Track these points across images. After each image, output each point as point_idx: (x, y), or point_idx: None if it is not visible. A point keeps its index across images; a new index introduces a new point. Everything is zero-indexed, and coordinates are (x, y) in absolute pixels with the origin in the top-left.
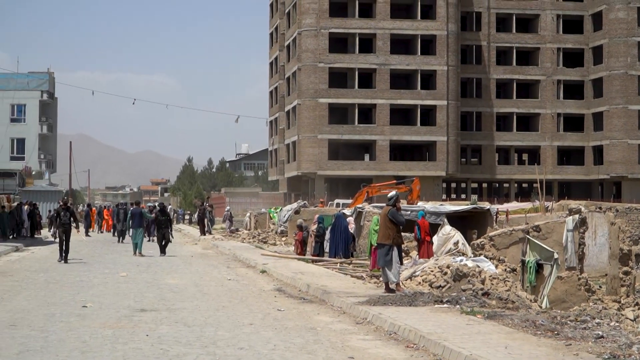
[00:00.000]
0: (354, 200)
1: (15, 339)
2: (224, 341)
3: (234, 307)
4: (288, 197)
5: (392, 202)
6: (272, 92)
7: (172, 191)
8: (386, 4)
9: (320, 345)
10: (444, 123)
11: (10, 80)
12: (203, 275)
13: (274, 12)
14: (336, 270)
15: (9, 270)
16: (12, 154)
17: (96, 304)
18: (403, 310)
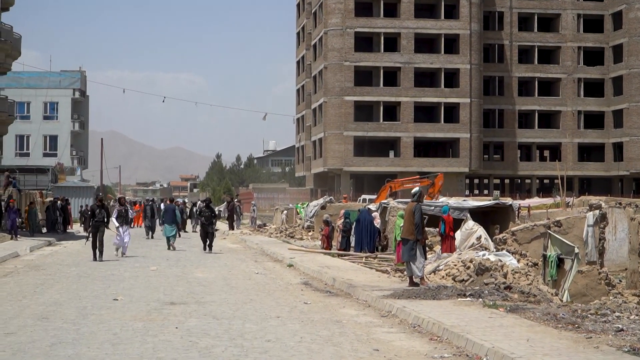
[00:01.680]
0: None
1: (47, 331)
2: (251, 333)
3: (262, 300)
4: (314, 193)
5: (416, 198)
6: (298, 90)
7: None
8: (410, 4)
9: (346, 337)
10: (467, 120)
11: (43, 79)
12: (231, 269)
13: (300, 12)
14: (361, 264)
15: (41, 264)
16: (44, 150)
17: (127, 297)
18: (427, 304)
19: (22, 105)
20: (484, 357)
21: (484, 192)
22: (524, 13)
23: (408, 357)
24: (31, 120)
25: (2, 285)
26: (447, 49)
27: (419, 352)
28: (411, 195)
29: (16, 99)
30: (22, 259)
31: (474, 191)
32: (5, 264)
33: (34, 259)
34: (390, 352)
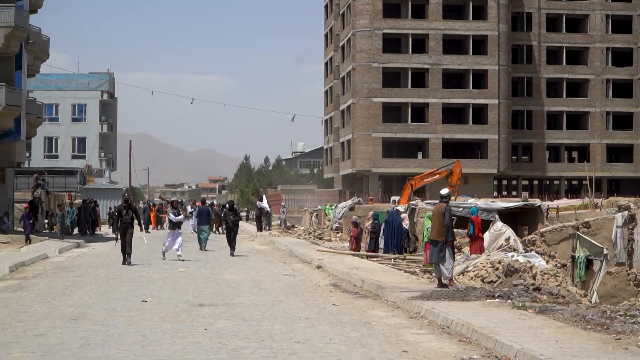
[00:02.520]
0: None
1: (77, 332)
2: (280, 335)
3: (290, 301)
4: (343, 194)
5: (446, 199)
6: (327, 91)
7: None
8: (438, 5)
9: (375, 339)
10: (495, 121)
11: (71, 81)
12: (260, 271)
13: (328, 13)
14: (390, 265)
15: (70, 265)
16: (73, 152)
17: (156, 299)
18: (456, 305)
19: (50, 107)
20: (513, 358)
21: (513, 194)
22: (552, 14)
23: (437, 359)
24: (60, 122)
25: (32, 287)
26: (475, 50)
27: (448, 354)
28: (440, 196)
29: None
30: (51, 261)
31: (503, 192)
32: (34, 265)
33: (62, 260)
34: (419, 353)
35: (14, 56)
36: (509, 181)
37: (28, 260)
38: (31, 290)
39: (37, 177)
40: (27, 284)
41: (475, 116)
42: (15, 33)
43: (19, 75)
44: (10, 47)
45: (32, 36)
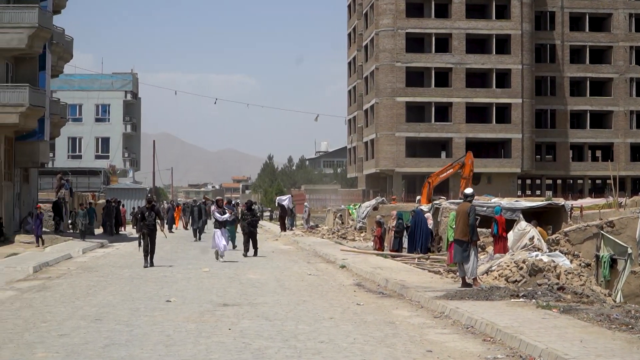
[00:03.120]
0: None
1: (101, 332)
2: (304, 335)
3: (314, 301)
4: (366, 194)
5: (470, 199)
6: (350, 91)
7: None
8: (461, 4)
9: (399, 338)
10: (518, 121)
11: (95, 81)
12: (284, 271)
13: (351, 13)
14: (414, 265)
15: (94, 265)
16: (97, 152)
17: (179, 299)
18: (480, 305)
19: (74, 107)
20: (538, 358)
21: (536, 193)
22: (575, 13)
23: (461, 358)
24: (83, 123)
25: (56, 287)
26: (498, 50)
27: (472, 353)
28: (464, 196)
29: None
30: (75, 261)
31: (526, 192)
32: (58, 265)
33: (86, 260)
34: (444, 353)
35: (37, 57)
36: (532, 180)
37: (52, 261)
38: (55, 290)
39: (60, 178)
40: (51, 284)
41: (498, 115)
42: (38, 33)
43: (42, 76)
44: (33, 47)
45: (55, 37)
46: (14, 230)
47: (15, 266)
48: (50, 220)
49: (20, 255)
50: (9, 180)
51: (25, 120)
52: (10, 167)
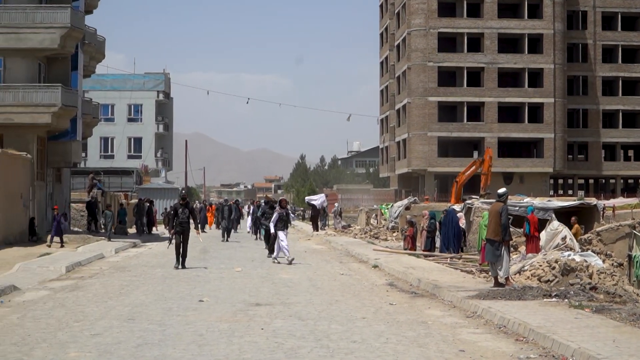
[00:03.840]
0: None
1: (134, 332)
2: (337, 334)
3: (347, 301)
4: (399, 194)
5: (503, 199)
6: (382, 90)
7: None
8: (494, 4)
9: (432, 338)
10: (551, 120)
11: (127, 81)
12: (316, 270)
13: (383, 12)
14: (446, 264)
15: (127, 265)
16: (129, 152)
17: (212, 299)
18: (512, 304)
19: (106, 107)
20: (570, 358)
21: (568, 193)
22: (607, 12)
23: (494, 358)
24: (115, 123)
25: (88, 287)
26: (530, 49)
27: (505, 353)
28: (497, 196)
29: (100, 102)
30: (108, 261)
31: (559, 191)
32: (90, 265)
33: (119, 260)
34: (476, 352)
35: (69, 57)
36: (564, 180)
37: (84, 260)
38: (88, 290)
39: (92, 177)
40: (83, 283)
41: (530, 115)
42: (70, 33)
43: (74, 76)
44: (66, 47)
45: (87, 37)
46: (46, 230)
47: (48, 266)
48: (82, 220)
49: (53, 255)
50: (41, 180)
51: (57, 120)
52: (42, 166)
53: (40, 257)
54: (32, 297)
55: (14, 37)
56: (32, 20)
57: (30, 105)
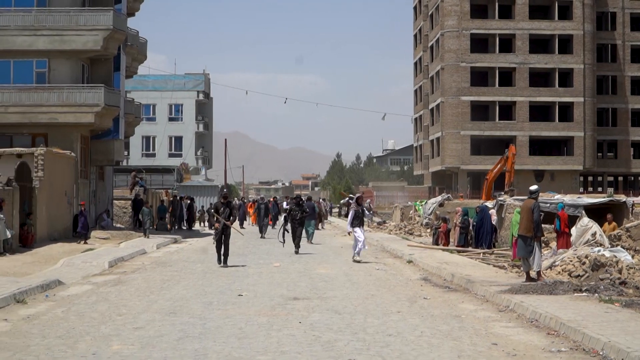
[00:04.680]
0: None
1: (175, 325)
2: (373, 328)
3: (382, 295)
4: (432, 191)
5: (535, 196)
6: (416, 90)
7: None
8: (525, 5)
9: (465, 332)
10: (580, 119)
11: (168, 82)
12: (352, 265)
13: (417, 14)
14: (479, 260)
15: (168, 260)
16: (170, 151)
17: (251, 293)
18: (543, 299)
19: (147, 107)
20: (601, 352)
21: (598, 190)
22: (635, 13)
23: (526, 351)
24: (157, 122)
25: (131, 282)
26: (561, 49)
27: (537, 346)
28: (528, 192)
29: (142, 102)
30: (149, 256)
31: (588, 188)
32: (133, 260)
33: (160, 255)
34: (509, 346)
35: (112, 58)
36: (594, 177)
37: (127, 256)
38: (130, 284)
39: (135, 175)
40: (126, 278)
41: (561, 114)
42: (113, 35)
43: (117, 77)
44: (108, 49)
45: (129, 38)
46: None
47: (91, 261)
48: (125, 216)
49: (96, 251)
50: (85, 177)
51: (100, 120)
52: (86, 165)
53: (83, 252)
54: (76, 291)
55: (58, 39)
56: (76, 23)
57: (74, 105)
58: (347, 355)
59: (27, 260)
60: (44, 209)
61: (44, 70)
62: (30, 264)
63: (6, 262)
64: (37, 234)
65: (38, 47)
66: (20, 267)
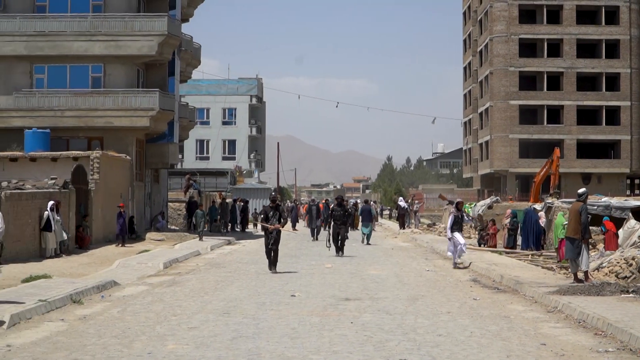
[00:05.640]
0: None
1: (229, 325)
2: (423, 328)
3: (432, 296)
4: (481, 194)
5: (583, 198)
6: (465, 94)
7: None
8: (572, 11)
9: (514, 332)
10: (627, 123)
11: (221, 86)
12: (403, 267)
13: (467, 20)
14: (527, 261)
15: (222, 262)
16: (224, 154)
17: (304, 293)
18: (591, 300)
19: (201, 111)
20: None
21: None
22: None
23: (574, 351)
24: (210, 126)
25: (185, 282)
26: (607, 54)
27: (584, 347)
28: (577, 195)
29: (196, 106)
30: (204, 258)
31: (635, 191)
32: (187, 262)
33: (214, 257)
34: (557, 346)
35: (167, 63)
36: None
37: (181, 257)
38: (185, 285)
39: (189, 178)
40: (180, 279)
41: (608, 118)
42: (168, 41)
43: (172, 81)
44: (163, 54)
45: (184, 44)
46: (145, 227)
47: (146, 262)
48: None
49: (151, 252)
50: (140, 180)
51: (155, 124)
52: (141, 168)
53: (139, 254)
54: (132, 292)
55: (114, 44)
56: (131, 29)
57: (130, 109)
58: (398, 355)
59: (83, 261)
60: (100, 211)
61: (100, 75)
62: (86, 265)
63: (63, 263)
64: (92, 236)
65: (94, 52)
66: (76, 268)
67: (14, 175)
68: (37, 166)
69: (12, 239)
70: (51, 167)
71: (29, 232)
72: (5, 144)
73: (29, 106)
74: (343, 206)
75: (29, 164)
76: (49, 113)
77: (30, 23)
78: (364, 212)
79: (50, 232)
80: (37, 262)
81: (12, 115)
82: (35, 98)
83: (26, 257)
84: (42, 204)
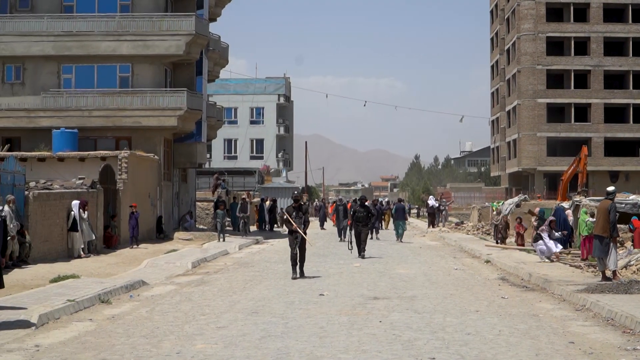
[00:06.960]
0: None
1: (257, 324)
2: (452, 327)
3: (461, 295)
4: (509, 192)
5: (611, 197)
6: (493, 93)
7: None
8: (599, 9)
9: (542, 330)
10: None
11: (249, 85)
12: (431, 265)
13: (494, 18)
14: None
15: (250, 261)
16: (251, 153)
17: (332, 293)
18: (619, 298)
19: (229, 110)
20: None
21: None
22: None
23: (602, 350)
24: (238, 125)
25: (214, 282)
26: (635, 52)
27: (613, 345)
28: (605, 193)
29: (224, 105)
30: (232, 257)
31: None
32: (215, 261)
33: (242, 256)
34: (585, 344)
35: (194, 62)
36: None
37: (210, 257)
38: (213, 284)
39: (217, 177)
40: (209, 278)
41: (635, 115)
42: (195, 40)
43: (199, 81)
44: (191, 53)
45: (211, 43)
46: (173, 227)
47: (174, 262)
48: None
49: (180, 252)
50: (168, 180)
51: (183, 123)
52: (169, 167)
53: (167, 253)
54: (160, 291)
55: (142, 44)
56: (159, 28)
57: (157, 109)
58: (426, 354)
59: (111, 261)
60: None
61: (127, 74)
62: (114, 265)
63: (91, 263)
64: (120, 236)
65: (121, 52)
66: (104, 268)
67: (42, 176)
68: (65, 166)
69: (40, 239)
70: (79, 167)
71: (57, 232)
72: (33, 144)
73: (56, 106)
74: (366, 207)
75: (57, 164)
76: (76, 113)
77: (57, 23)
78: (397, 211)
79: (77, 232)
80: (65, 262)
81: (40, 116)
82: (63, 98)
83: (54, 257)
84: (70, 204)
